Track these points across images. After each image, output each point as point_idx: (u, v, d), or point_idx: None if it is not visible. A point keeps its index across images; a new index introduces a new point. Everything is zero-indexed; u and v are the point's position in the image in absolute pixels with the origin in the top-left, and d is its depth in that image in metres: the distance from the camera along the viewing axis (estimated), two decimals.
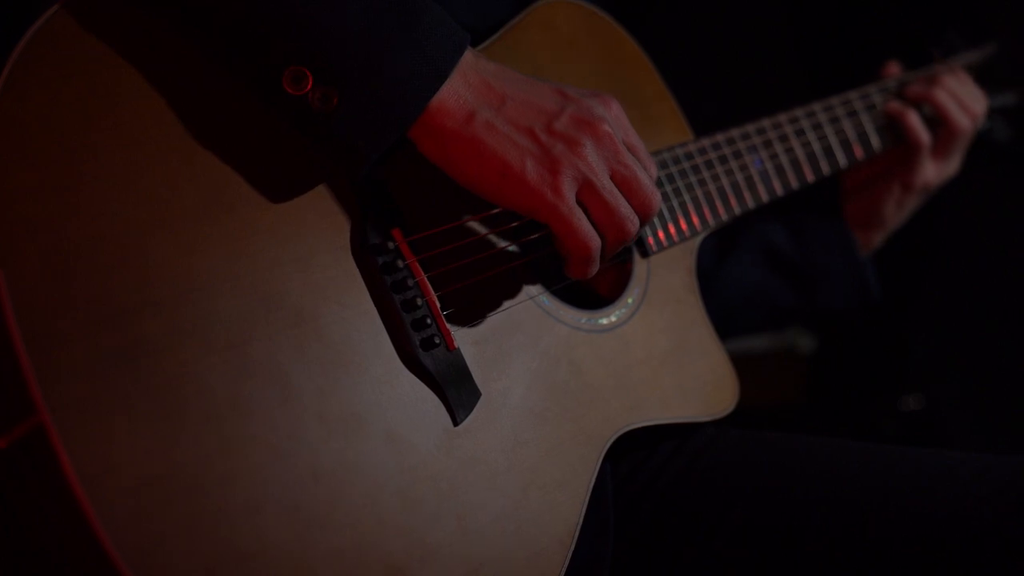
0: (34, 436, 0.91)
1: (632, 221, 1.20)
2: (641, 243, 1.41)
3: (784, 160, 1.59)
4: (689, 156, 1.47)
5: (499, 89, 1.15)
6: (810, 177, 1.62)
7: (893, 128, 1.74)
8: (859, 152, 1.69)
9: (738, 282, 1.81)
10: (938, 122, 1.76)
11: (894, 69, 1.83)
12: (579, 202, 1.17)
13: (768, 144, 1.57)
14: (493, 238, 1.26)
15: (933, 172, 1.78)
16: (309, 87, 1.06)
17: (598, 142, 1.17)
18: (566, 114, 1.17)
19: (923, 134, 1.73)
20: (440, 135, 1.12)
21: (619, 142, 1.19)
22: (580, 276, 1.21)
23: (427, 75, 1.10)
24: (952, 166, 1.81)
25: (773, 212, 1.69)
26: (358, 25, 1.07)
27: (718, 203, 1.49)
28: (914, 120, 1.73)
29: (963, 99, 1.77)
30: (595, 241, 1.18)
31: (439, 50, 1.11)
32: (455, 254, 1.21)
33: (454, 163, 1.13)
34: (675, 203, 1.43)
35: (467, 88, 1.13)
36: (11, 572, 0.98)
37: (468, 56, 1.14)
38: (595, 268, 1.20)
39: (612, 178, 1.18)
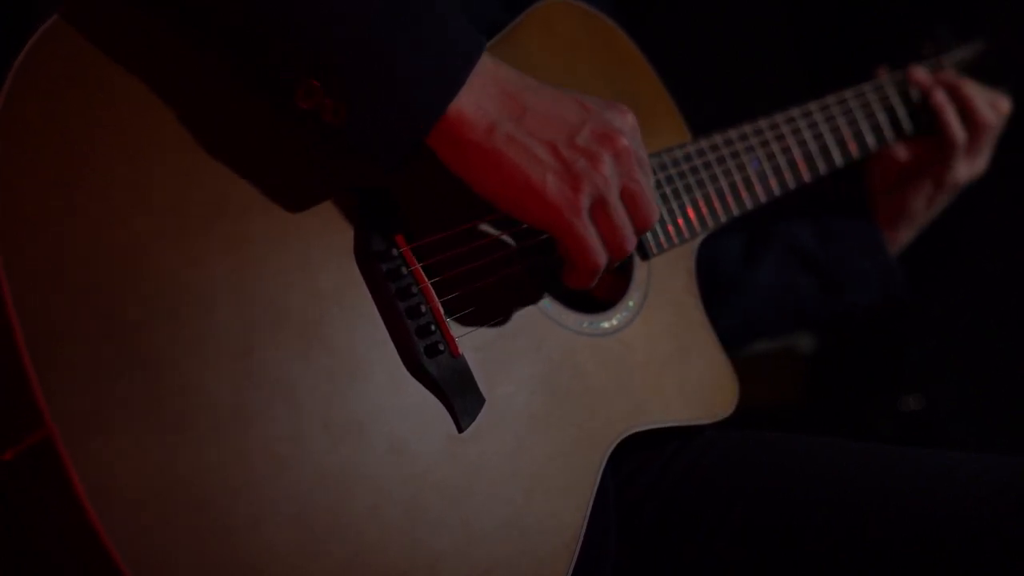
0: (40, 448, 0.91)
1: (632, 241, 1.19)
2: (641, 245, 1.40)
3: (781, 160, 1.59)
4: (688, 157, 1.47)
5: (519, 99, 1.13)
6: (807, 177, 1.62)
7: (891, 125, 1.74)
8: (854, 150, 1.69)
9: (765, 286, 1.80)
10: (964, 116, 1.75)
11: (884, 74, 1.83)
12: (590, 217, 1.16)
13: (765, 144, 1.57)
14: (495, 243, 1.26)
15: (965, 170, 1.78)
16: (319, 100, 1.05)
17: (617, 157, 1.16)
18: (587, 128, 1.15)
19: (959, 131, 1.73)
20: (460, 145, 1.11)
21: (634, 156, 1.18)
22: (580, 287, 1.21)
23: (439, 84, 1.08)
24: (981, 163, 1.81)
25: (801, 213, 1.69)
26: (361, 33, 1.05)
27: (716, 204, 1.49)
28: (952, 116, 1.73)
29: (988, 95, 1.78)
30: (603, 258, 1.17)
31: (451, 57, 1.09)
32: (458, 260, 1.21)
33: (473, 174, 1.12)
34: (674, 205, 1.44)
35: (486, 98, 1.11)
36: None
37: (486, 62, 1.12)
38: (595, 281, 1.20)
39: (621, 193, 1.18)
